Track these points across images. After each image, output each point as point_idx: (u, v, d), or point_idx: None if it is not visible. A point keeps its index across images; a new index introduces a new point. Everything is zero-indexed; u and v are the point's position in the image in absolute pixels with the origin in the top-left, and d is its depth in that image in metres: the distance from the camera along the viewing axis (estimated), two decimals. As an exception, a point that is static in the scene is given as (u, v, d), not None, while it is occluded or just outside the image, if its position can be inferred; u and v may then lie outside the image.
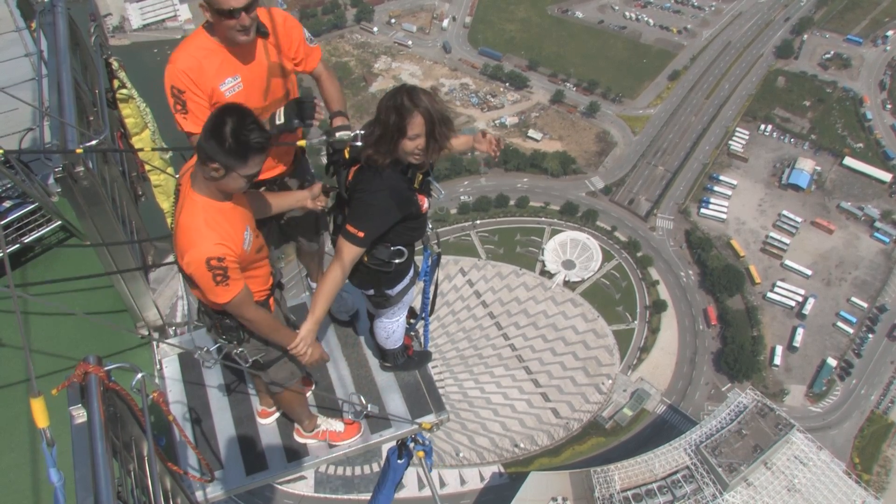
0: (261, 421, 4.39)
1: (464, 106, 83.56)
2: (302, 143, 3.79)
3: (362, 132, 3.37)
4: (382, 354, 4.57)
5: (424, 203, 3.58)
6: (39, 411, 2.06)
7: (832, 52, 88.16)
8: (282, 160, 3.85)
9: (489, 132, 3.75)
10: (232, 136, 2.67)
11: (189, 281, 3.10)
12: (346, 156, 3.47)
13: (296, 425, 4.30)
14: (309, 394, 4.50)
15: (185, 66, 3.26)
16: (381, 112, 3.19)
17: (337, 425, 4.25)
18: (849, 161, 78.66)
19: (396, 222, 3.42)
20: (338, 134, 3.48)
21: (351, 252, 3.36)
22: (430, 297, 4.31)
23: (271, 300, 3.54)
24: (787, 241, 73.36)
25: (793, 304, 68.94)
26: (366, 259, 3.57)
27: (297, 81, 3.71)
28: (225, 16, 3.10)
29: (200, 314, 3.52)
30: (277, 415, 4.41)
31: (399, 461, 4.23)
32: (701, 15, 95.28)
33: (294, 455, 4.23)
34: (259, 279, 3.37)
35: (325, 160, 3.68)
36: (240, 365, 3.52)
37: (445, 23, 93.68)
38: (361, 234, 3.31)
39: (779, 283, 70.29)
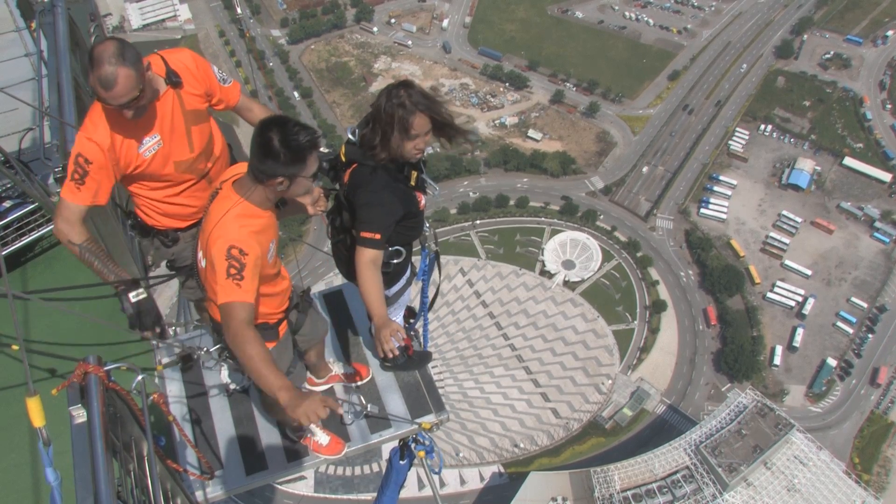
0: (307, 386, 4.45)
1: (464, 106, 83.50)
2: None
3: (357, 129, 3.41)
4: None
5: (422, 200, 3.60)
6: (35, 411, 2.07)
7: (832, 52, 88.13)
8: None
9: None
10: (284, 147, 2.71)
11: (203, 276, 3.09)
12: (343, 158, 3.47)
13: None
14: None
15: (99, 138, 3.05)
16: (384, 114, 3.20)
17: (322, 437, 4.22)
18: (849, 161, 78.63)
19: (399, 219, 3.43)
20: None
21: (372, 255, 3.37)
22: (430, 296, 4.30)
23: (282, 326, 3.49)
24: (786, 241, 73.32)
25: (793, 304, 68.91)
26: None
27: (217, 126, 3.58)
28: None
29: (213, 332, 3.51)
30: (325, 386, 4.51)
31: (401, 462, 4.22)
32: (701, 15, 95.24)
33: (294, 455, 4.21)
34: (276, 298, 3.37)
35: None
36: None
37: (445, 23, 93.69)
38: (378, 237, 3.32)
39: (779, 283, 70.26)
